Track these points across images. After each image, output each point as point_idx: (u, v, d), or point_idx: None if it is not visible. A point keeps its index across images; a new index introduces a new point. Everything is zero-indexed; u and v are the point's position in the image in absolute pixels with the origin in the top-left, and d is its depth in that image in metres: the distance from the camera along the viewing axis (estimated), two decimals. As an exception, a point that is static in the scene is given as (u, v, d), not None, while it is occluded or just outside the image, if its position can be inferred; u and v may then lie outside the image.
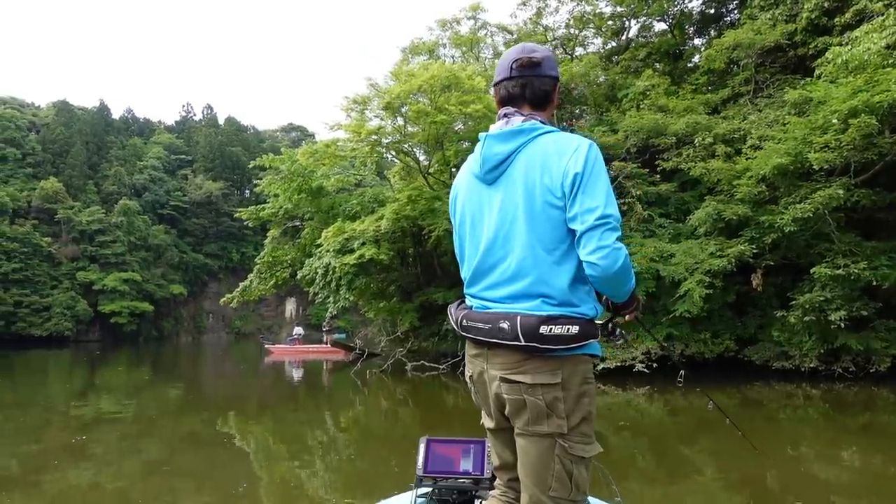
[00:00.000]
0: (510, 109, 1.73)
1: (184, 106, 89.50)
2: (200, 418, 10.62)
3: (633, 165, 15.30)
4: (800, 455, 7.13)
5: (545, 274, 1.60)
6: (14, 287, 46.00)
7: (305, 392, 15.85)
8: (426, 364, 17.00)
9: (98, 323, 51.15)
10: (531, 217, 1.61)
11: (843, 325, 11.63)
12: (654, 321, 14.18)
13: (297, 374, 20.68)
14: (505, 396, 1.64)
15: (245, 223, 23.62)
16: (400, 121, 17.53)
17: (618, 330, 1.77)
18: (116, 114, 66.30)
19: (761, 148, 13.16)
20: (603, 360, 13.99)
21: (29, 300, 46.51)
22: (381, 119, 17.74)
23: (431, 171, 19.19)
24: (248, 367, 24.53)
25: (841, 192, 11.74)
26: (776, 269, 13.63)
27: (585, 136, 1.67)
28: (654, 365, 13.37)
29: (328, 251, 17.07)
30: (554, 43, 21.48)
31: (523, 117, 1.70)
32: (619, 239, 1.54)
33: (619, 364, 13.66)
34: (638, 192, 15.15)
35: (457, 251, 1.86)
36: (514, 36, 21.50)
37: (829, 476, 6.26)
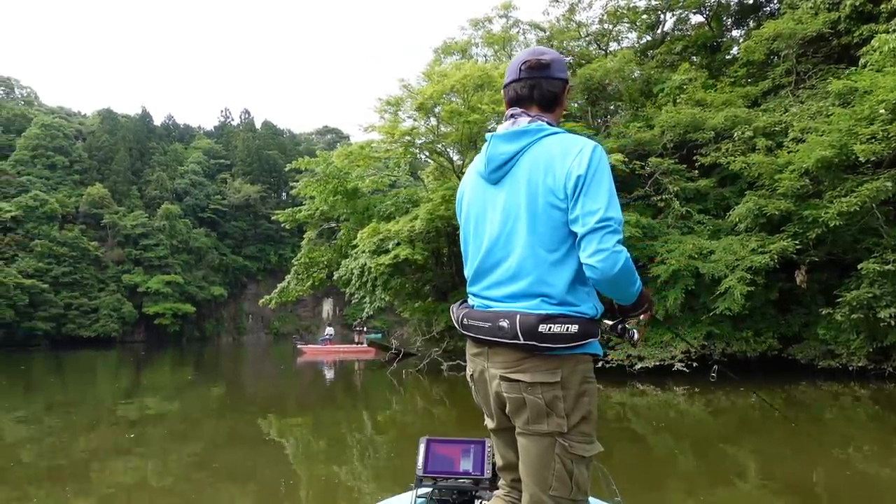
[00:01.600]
0: (517, 110, 1.75)
1: (222, 111, 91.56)
2: (242, 417, 10.84)
3: (670, 161, 15.04)
4: (848, 458, 6.91)
5: (545, 274, 1.61)
6: (64, 290, 47.70)
7: (343, 392, 16.04)
8: (462, 364, 16.99)
9: (143, 324, 52.69)
10: (533, 217, 1.62)
11: (892, 322, 11.22)
12: (694, 319, 13.93)
13: (331, 374, 20.93)
14: (505, 395, 1.64)
15: (282, 225, 24.00)
16: (433, 121, 17.58)
17: (628, 331, 1.76)
18: (158, 120, 68.24)
19: (804, 141, 12.80)
20: (641, 359, 13.81)
21: (78, 302, 48.18)
22: (415, 120, 17.83)
23: (465, 170, 19.16)
24: (286, 367, 24.93)
25: (889, 184, 11.33)
26: (821, 266, 13.24)
27: (590, 138, 1.67)
28: (694, 364, 13.11)
29: (363, 252, 17.23)
30: (587, 39, 21.27)
31: (530, 118, 1.72)
32: (620, 242, 1.54)
33: (657, 363, 13.45)
34: (675, 189, 14.89)
35: (462, 250, 1.87)
36: (547, 33, 21.35)
37: (879, 480, 6.05)
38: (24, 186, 49.92)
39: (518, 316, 1.58)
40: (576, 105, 19.28)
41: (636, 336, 1.78)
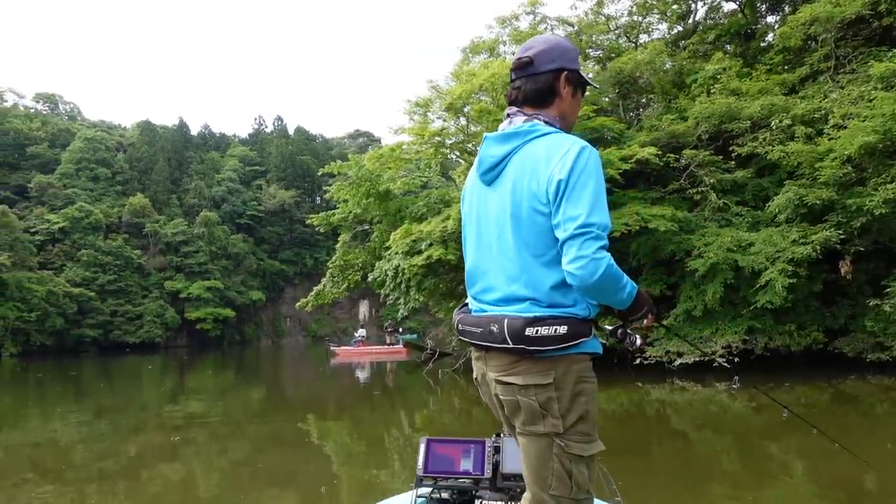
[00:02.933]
0: (513, 109, 1.73)
1: (256, 119, 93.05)
2: (282, 419, 11.03)
3: (706, 153, 14.75)
4: (901, 453, 6.68)
5: (533, 278, 1.59)
6: (110, 297, 49.23)
7: (379, 393, 16.18)
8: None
9: (185, 329, 54.00)
10: (517, 222, 1.61)
11: (946, 312, 10.81)
12: (735, 313, 13.65)
13: (365, 376, 21.10)
14: (501, 398, 1.65)
15: (317, 229, 24.32)
16: (462, 121, 17.59)
17: (629, 336, 1.73)
18: (195, 130, 69.80)
19: (845, 127, 12.41)
20: (680, 355, 13.58)
21: (123, 309, 49.66)
22: (444, 120, 17.87)
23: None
24: (323, 369, 25.26)
25: (938, 169, 10.92)
26: (867, 255, 12.83)
27: (579, 137, 1.62)
28: (736, 359, 12.84)
29: (397, 253, 17.34)
30: (616, 32, 21.00)
31: (525, 117, 1.69)
32: (603, 248, 1.50)
33: (697, 359, 13.21)
34: (711, 181, 14.61)
35: (463, 253, 1.87)
36: (575, 28, 21.13)
37: (934, 475, 5.83)
38: (69, 198, 51.68)
39: (506, 320, 1.57)
40: (607, 99, 19.05)
41: (638, 342, 1.74)
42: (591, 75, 18.84)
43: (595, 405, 1.65)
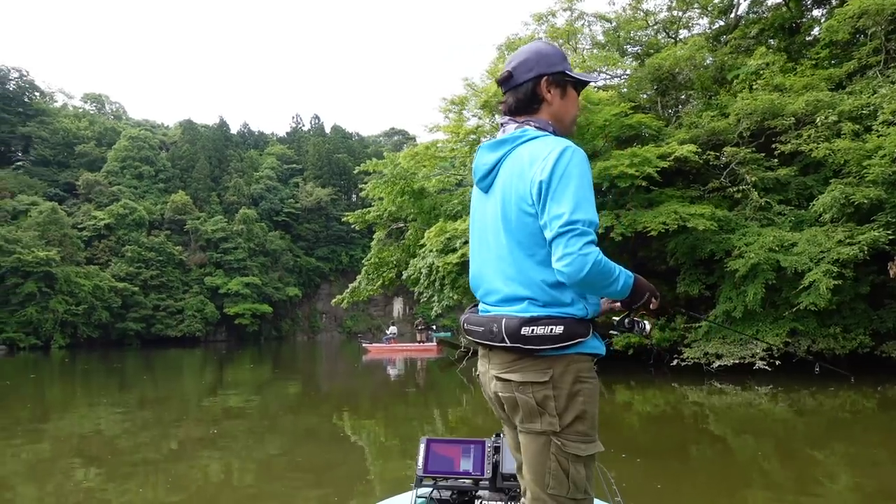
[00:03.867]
0: (505, 119, 1.80)
1: (293, 117, 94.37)
2: (318, 413, 11.19)
3: (747, 150, 14.41)
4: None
5: (528, 278, 1.64)
6: (153, 292, 50.66)
7: (414, 390, 16.26)
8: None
9: (224, 324, 55.24)
10: (508, 224, 1.67)
11: None
12: (777, 315, 13.31)
13: (398, 372, 21.22)
14: (500, 395, 1.69)
15: (352, 227, 24.56)
16: (498, 118, 17.53)
17: (637, 324, 1.76)
18: (234, 128, 71.29)
19: (895, 124, 11.96)
20: (719, 357, 13.31)
21: (165, 304, 51.05)
22: (479, 118, 17.84)
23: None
24: (358, 366, 25.51)
25: None
26: (918, 257, 12.34)
27: (562, 140, 1.67)
28: (777, 362, 12.52)
29: (431, 251, 17.40)
30: (655, 27, 20.64)
31: (517, 125, 1.76)
32: (591, 243, 1.53)
33: (737, 361, 12.93)
34: (753, 179, 14.27)
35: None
36: (613, 24, 20.86)
37: None
38: (115, 196, 53.33)
39: (504, 320, 1.62)
40: (645, 96, 18.75)
41: (647, 327, 1.76)
42: (590, 72, 18.54)
43: (595, 406, 1.68)
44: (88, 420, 10.65)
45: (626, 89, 18.80)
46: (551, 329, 1.58)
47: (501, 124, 1.80)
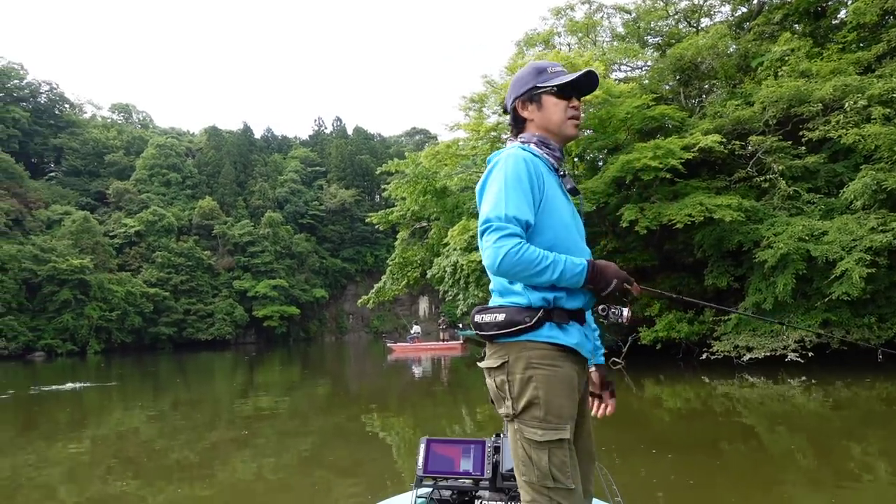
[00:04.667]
0: (509, 135, 2.02)
1: (316, 120, 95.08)
2: (347, 413, 11.31)
3: (773, 139, 14.15)
4: None
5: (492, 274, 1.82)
6: (183, 297, 51.58)
7: (440, 387, 16.32)
8: (559, 358, 16.86)
9: (253, 327, 55.97)
10: None
11: None
12: (808, 305, 13.06)
13: (422, 371, 21.29)
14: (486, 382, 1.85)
15: (376, 227, 24.71)
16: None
17: (610, 311, 1.80)
18: (258, 133, 72.09)
19: (929, 106, 11.64)
20: (750, 349, 13.10)
21: (195, 308, 51.93)
22: (500, 115, 17.79)
23: (553, 162, 18.89)
24: (385, 365, 25.66)
25: None
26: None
27: (502, 151, 1.86)
28: (810, 354, 12.28)
29: (455, 250, 17.42)
30: (676, 17, 20.37)
31: (511, 142, 1.96)
32: (505, 237, 1.65)
33: (768, 353, 12.71)
34: (780, 168, 14.01)
35: None
36: (633, 15, 20.63)
37: None
38: (144, 203, 54.40)
39: (474, 309, 1.83)
40: (667, 87, 18.52)
41: (625, 313, 1.80)
42: (563, 79, 18.27)
43: (553, 392, 1.70)
44: (124, 422, 10.92)
45: (647, 81, 18.58)
46: (495, 316, 1.73)
47: (507, 139, 2.02)
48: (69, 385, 18.07)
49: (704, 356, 13.98)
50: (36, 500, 5.76)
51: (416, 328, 36.85)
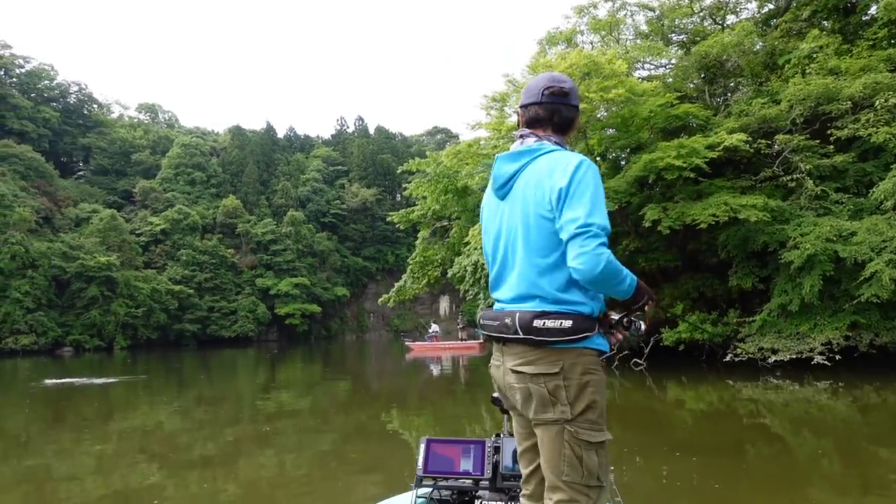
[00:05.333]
0: (526, 131, 1.95)
1: (338, 120, 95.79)
2: (367, 411, 11.36)
3: (801, 137, 13.91)
4: None
5: (539, 278, 1.80)
6: (207, 294, 52.31)
7: (459, 386, 16.32)
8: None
9: (275, 324, 56.56)
10: (527, 229, 1.82)
11: None
12: (836, 308, 12.81)
13: (441, 370, 21.29)
14: (515, 386, 1.83)
15: (397, 226, 24.78)
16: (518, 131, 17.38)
17: (634, 323, 1.88)
18: (281, 133, 72.81)
19: (963, 104, 11.34)
20: (775, 352, 12.91)
21: (219, 305, 52.62)
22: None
23: (575, 162, 18.80)
24: (403, 364, 25.73)
25: None
26: None
27: (578, 153, 1.83)
28: (838, 357, 12.05)
29: (476, 249, 17.40)
30: (701, 14, 20.11)
31: (537, 138, 1.91)
32: (603, 245, 1.69)
33: (794, 356, 12.50)
34: (808, 167, 13.76)
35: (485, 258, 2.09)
36: (657, 12, 20.41)
37: None
38: (169, 202, 55.27)
39: (517, 314, 1.79)
40: (691, 85, 18.29)
41: (642, 327, 1.90)
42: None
43: (603, 397, 1.83)
44: (150, 417, 11.10)
45: (671, 79, 18.37)
46: (560, 323, 1.74)
47: (521, 136, 1.95)
48: (78, 380, 18.42)
49: (728, 358, 13.79)
50: (64, 492, 5.88)
51: (434, 327, 36.90)
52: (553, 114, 1.93)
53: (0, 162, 46.47)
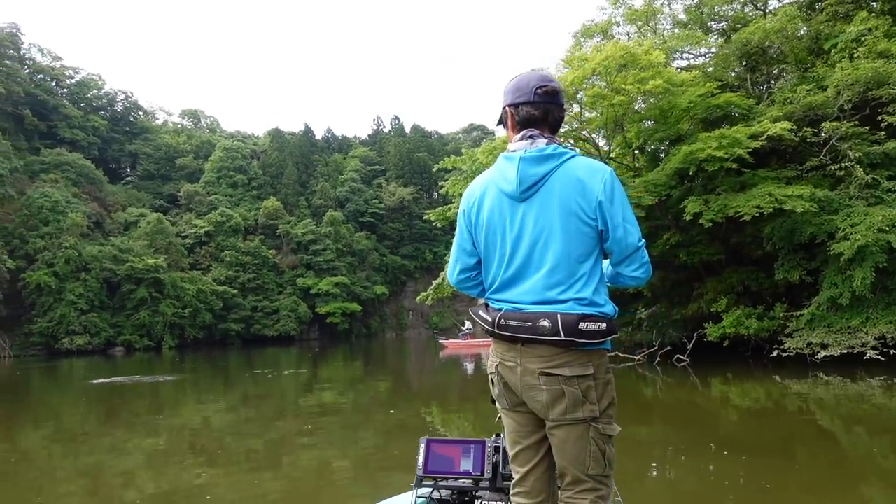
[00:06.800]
0: (534, 131, 1.92)
1: (374, 119, 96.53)
2: (408, 409, 11.46)
3: (849, 124, 13.43)
4: None
5: (577, 280, 1.83)
6: (250, 294, 53.46)
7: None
8: (619, 355, 16.55)
9: (317, 323, 57.44)
10: (566, 232, 1.83)
11: None
12: (889, 300, 12.35)
13: (474, 367, 21.28)
14: (543, 388, 1.83)
15: (434, 224, 24.83)
16: (576, 108, 17.22)
17: None
18: (319, 134, 73.79)
19: None
20: (824, 347, 12.52)
21: (262, 305, 53.73)
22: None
23: (613, 155, 18.59)
24: (439, 362, 25.81)
25: None
26: None
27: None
28: (892, 352, 11.61)
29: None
30: (742, 1, 19.57)
31: (546, 140, 1.90)
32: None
33: (845, 351, 12.10)
34: (857, 155, 13.28)
35: (483, 257, 2.02)
36: (696, 1, 19.95)
37: None
38: (213, 204, 56.67)
39: (559, 315, 1.79)
40: (732, 74, 17.83)
41: None
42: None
43: (616, 392, 1.92)
44: (197, 414, 11.43)
45: (711, 68, 17.95)
46: (599, 325, 1.80)
47: (531, 136, 1.91)
48: (128, 379, 19.05)
49: (775, 353, 13.42)
50: (117, 486, 6.12)
51: (468, 325, 36.81)
52: (547, 114, 1.92)
53: (54, 169, 48.39)
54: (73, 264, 42.19)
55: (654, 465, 6.26)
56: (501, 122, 2.03)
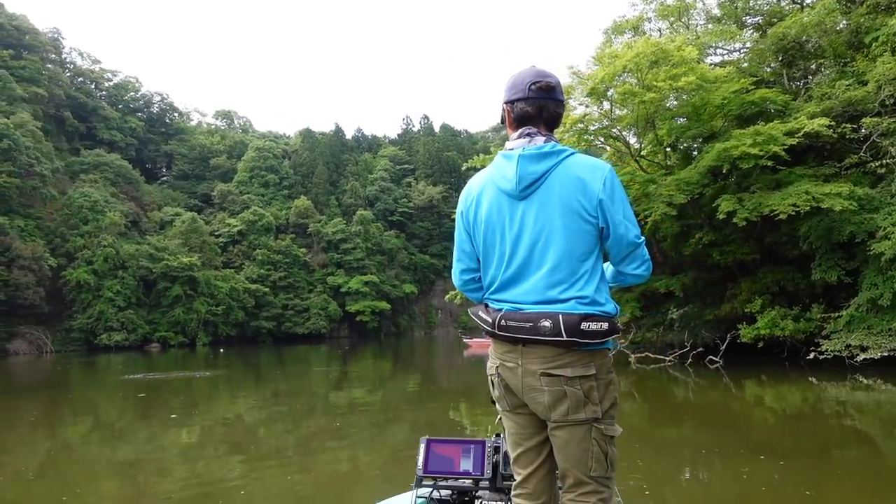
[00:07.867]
0: (532, 129, 1.89)
1: (404, 119, 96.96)
2: (436, 407, 11.51)
3: (891, 120, 13.02)
4: None
5: (578, 279, 1.80)
6: (281, 292, 54.21)
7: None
8: (650, 356, 16.33)
9: (347, 321, 57.97)
10: (568, 230, 1.81)
11: None
12: (934, 302, 11.94)
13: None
14: (545, 389, 1.80)
15: (463, 223, 24.82)
16: (606, 105, 17.06)
17: None
18: (349, 134, 74.49)
19: None
20: (864, 349, 12.19)
21: (293, 303, 54.45)
22: (587, 106, 17.43)
23: (644, 153, 18.35)
24: (463, 361, 25.80)
25: None
26: None
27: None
28: (936, 354, 11.23)
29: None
30: (779, -6, 19.13)
31: (544, 138, 1.88)
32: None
33: (887, 353, 11.75)
34: (900, 151, 12.86)
35: (482, 256, 1.98)
36: (730, -6, 19.55)
37: None
38: (245, 204, 57.60)
39: (561, 315, 1.75)
40: (768, 69, 17.44)
41: None
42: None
43: (619, 393, 1.90)
44: (231, 410, 11.65)
45: (745, 64, 17.58)
46: (601, 325, 1.76)
47: (528, 134, 1.88)
48: (158, 375, 19.44)
49: (812, 356, 13.10)
50: (153, 478, 6.28)
51: None
52: (541, 110, 1.88)
53: (93, 170, 49.76)
54: (111, 262, 43.34)
55: (688, 468, 6.18)
56: (502, 120, 2.00)
